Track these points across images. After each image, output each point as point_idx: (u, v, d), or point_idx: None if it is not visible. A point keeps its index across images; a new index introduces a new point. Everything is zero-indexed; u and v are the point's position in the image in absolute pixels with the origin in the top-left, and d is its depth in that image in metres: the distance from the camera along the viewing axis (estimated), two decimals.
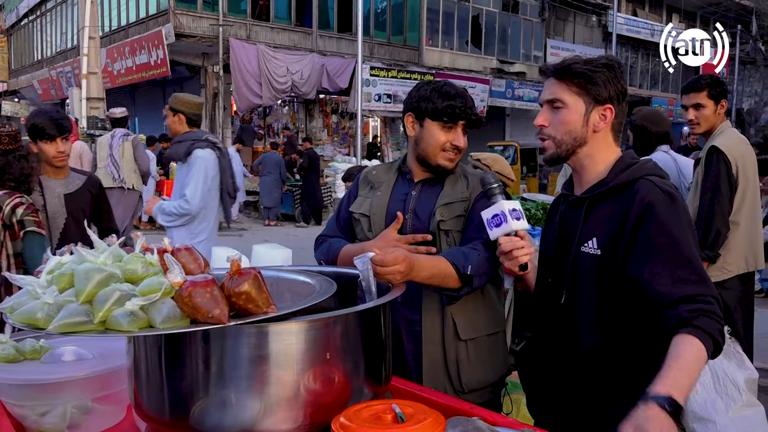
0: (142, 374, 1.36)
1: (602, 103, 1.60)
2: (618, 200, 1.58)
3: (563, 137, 1.62)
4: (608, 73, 1.59)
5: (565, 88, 1.61)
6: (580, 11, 24.68)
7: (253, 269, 1.22)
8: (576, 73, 1.59)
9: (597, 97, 1.59)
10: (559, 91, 1.62)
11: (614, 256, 1.54)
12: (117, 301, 1.11)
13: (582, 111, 1.60)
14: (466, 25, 20.88)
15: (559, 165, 1.75)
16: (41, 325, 1.12)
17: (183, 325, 1.13)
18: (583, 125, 1.60)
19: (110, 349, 1.78)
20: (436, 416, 1.20)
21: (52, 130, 2.99)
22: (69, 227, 3.11)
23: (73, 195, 3.16)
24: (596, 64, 1.61)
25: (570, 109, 1.60)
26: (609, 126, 1.62)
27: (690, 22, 30.25)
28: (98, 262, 1.17)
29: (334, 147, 19.27)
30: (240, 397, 1.24)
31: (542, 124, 1.65)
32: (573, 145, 1.62)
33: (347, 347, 1.33)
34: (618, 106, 1.61)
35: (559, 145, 1.63)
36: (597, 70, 1.59)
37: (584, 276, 1.59)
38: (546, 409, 1.77)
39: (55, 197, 3.10)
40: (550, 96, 1.63)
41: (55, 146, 3.03)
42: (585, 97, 1.60)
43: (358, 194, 2.06)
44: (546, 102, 1.65)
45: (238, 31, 16.27)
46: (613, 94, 1.60)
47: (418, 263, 1.62)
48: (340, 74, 17.47)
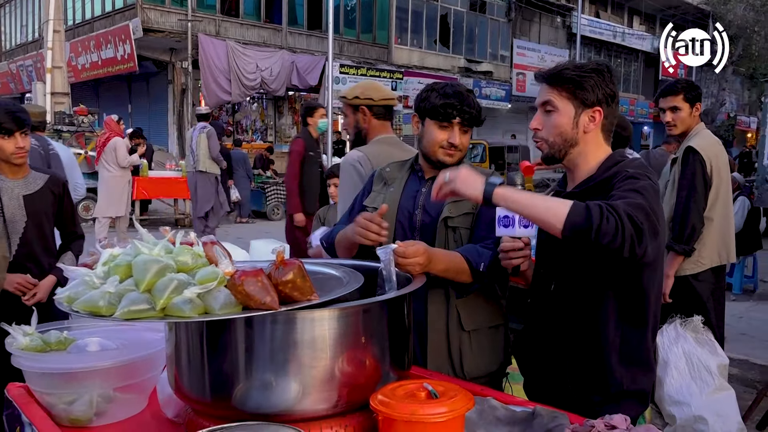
0: (183, 359, 1.44)
1: (591, 106, 1.69)
2: (603, 193, 1.67)
3: (555, 139, 1.73)
4: (597, 78, 1.68)
5: (556, 93, 1.71)
6: (546, 12, 25.15)
7: (297, 260, 1.32)
8: (566, 78, 1.69)
9: (585, 101, 1.68)
10: (551, 96, 1.72)
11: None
12: (175, 290, 1.19)
13: (572, 114, 1.70)
14: (434, 24, 21.09)
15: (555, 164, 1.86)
16: (104, 312, 1.19)
17: (237, 311, 1.22)
18: (573, 127, 1.71)
19: (132, 341, 1.85)
20: (464, 393, 1.31)
21: (10, 123, 2.66)
22: (29, 232, 2.80)
23: (34, 196, 2.82)
24: (585, 69, 1.70)
25: (560, 112, 1.71)
26: (599, 127, 1.72)
27: (650, 25, 31.09)
28: (154, 254, 1.24)
29: None
30: (282, 380, 1.33)
31: (536, 127, 1.77)
32: (564, 146, 1.73)
33: (379, 333, 1.43)
34: (607, 108, 1.71)
35: (552, 146, 1.74)
36: (586, 75, 1.68)
37: (573, 263, 1.71)
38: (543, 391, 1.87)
39: (13, 199, 2.77)
40: (542, 100, 1.75)
41: (14, 142, 2.68)
42: (574, 101, 1.69)
43: (372, 189, 2.18)
44: (539, 106, 1.77)
45: (207, 26, 16.14)
46: (602, 97, 1.69)
47: (435, 256, 1.73)
48: (310, 71, 17.49)
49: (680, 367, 3.05)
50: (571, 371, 1.75)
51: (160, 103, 17.16)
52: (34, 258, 2.84)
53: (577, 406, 1.61)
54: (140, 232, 1.35)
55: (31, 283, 2.74)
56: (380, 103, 2.64)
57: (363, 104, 2.63)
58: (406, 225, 2.06)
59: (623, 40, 28.21)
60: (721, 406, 2.92)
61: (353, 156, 2.52)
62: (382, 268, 1.61)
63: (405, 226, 2.06)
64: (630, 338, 1.69)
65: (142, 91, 18.31)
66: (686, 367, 3.05)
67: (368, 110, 2.63)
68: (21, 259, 2.79)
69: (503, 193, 1.56)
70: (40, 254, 2.87)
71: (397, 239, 2.02)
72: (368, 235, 1.81)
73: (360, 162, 2.55)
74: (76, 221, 3.07)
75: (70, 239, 3.02)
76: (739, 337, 5.05)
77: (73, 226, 3.02)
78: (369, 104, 2.63)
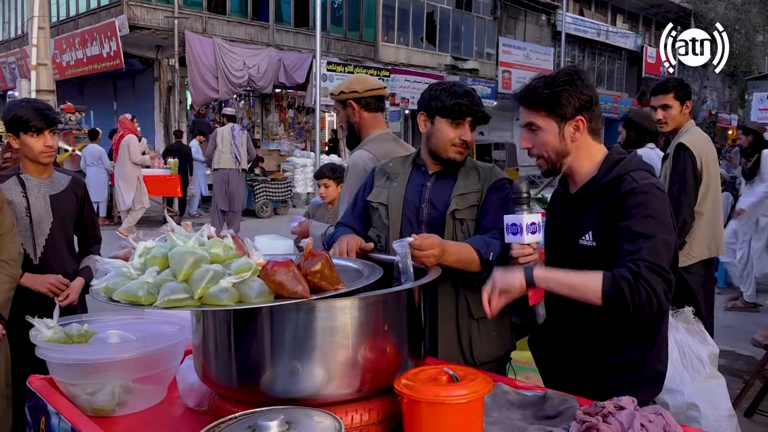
0: (211, 348, 1.50)
1: (572, 117, 1.74)
2: (607, 196, 1.76)
3: (549, 154, 1.80)
4: (570, 89, 1.72)
5: (535, 113, 1.77)
6: (531, 10, 25.32)
7: (324, 252, 1.38)
8: (540, 99, 1.75)
9: (565, 115, 1.73)
10: (531, 117, 1.78)
11: (607, 246, 1.73)
12: (211, 279, 1.26)
13: (555, 130, 1.75)
14: (420, 22, 21.16)
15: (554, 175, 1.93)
16: (143, 302, 1.25)
17: (271, 300, 1.28)
18: (560, 141, 1.77)
19: (150, 333, 1.91)
20: (483, 376, 1.38)
21: (39, 122, 2.63)
22: (55, 233, 2.73)
23: (60, 196, 2.76)
24: (557, 83, 1.73)
25: (545, 130, 1.77)
26: (585, 132, 1.77)
27: (633, 23, 31.41)
28: (189, 246, 1.30)
29: (291, 142, 19.25)
30: (309, 365, 1.40)
31: (527, 147, 1.85)
32: (558, 159, 1.80)
33: (399, 321, 1.51)
34: (588, 112, 1.75)
35: (548, 161, 1.81)
36: (558, 89, 1.72)
37: (583, 266, 1.76)
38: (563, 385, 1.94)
39: (40, 198, 2.71)
40: (525, 121, 1.81)
41: (43, 140, 2.64)
42: (555, 117, 1.74)
43: (374, 185, 2.23)
44: (524, 126, 1.83)
45: (193, 23, 16.08)
46: (579, 105, 1.73)
47: (448, 248, 1.81)
48: (297, 69, 17.48)
49: (673, 356, 3.15)
50: (592, 362, 1.82)
51: (146, 101, 17.05)
52: (61, 261, 2.77)
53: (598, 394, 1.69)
54: (172, 225, 1.40)
55: (63, 283, 2.67)
56: (366, 95, 2.63)
57: (350, 98, 2.63)
58: (412, 219, 2.13)
59: (607, 38, 28.48)
60: (712, 394, 3.02)
61: (363, 157, 2.55)
62: (398, 261, 1.69)
63: (411, 220, 2.13)
64: (649, 327, 1.77)
65: (128, 89, 18.18)
66: (678, 357, 3.14)
67: (356, 103, 2.63)
68: (48, 261, 2.72)
69: (542, 275, 1.67)
70: (66, 258, 2.80)
71: (403, 233, 2.10)
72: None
73: (371, 163, 2.54)
74: (96, 224, 3.01)
75: (90, 243, 2.95)
76: (723, 329, 5.19)
77: (93, 230, 2.96)
78: (355, 97, 2.63)
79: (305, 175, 15.55)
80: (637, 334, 1.78)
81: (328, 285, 1.35)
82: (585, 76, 1.77)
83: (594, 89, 1.79)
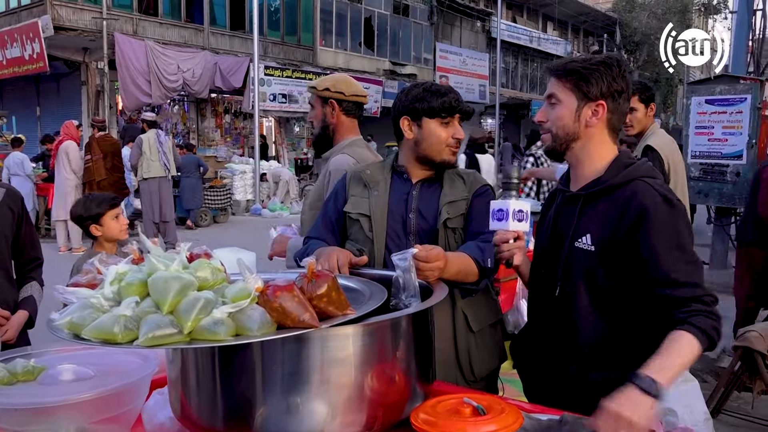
0: (191, 382, 1.30)
1: (594, 99, 1.64)
2: (613, 200, 1.64)
3: (557, 131, 1.69)
4: (603, 71, 1.64)
5: (561, 85, 1.68)
6: (466, 17, 25.68)
7: (329, 272, 1.21)
8: (570, 70, 1.66)
9: (588, 94, 1.64)
10: (555, 88, 1.69)
11: (609, 255, 1.61)
12: (202, 309, 1.06)
13: (573, 107, 1.66)
14: (359, 27, 21.06)
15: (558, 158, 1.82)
16: (120, 339, 1.04)
17: (273, 331, 1.09)
18: (574, 120, 1.66)
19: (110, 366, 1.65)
20: (511, 407, 1.24)
21: None
22: None
23: None
24: (593, 61, 1.66)
25: (563, 104, 1.67)
26: (604, 123, 1.67)
27: (563, 30, 32.41)
28: (172, 270, 1.10)
29: (228, 148, 18.72)
30: (310, 401, 1.22)
31: (540, 119, 1.74)
32: (566, 140, 1.69)
33: (410, 346, 1.34)
34: (613, 103, 1.66)
35: (555, 138, 1.71)
36: (591, 67, 1.64)
37: (577, 270, 1.66)
38: (545, 395, 1.84)
39: None
40: (548, 93, 1.72)
41: None
42: (577, 93, 1.65)
43: (350, 194, 2.04)
44: (545, 98, 1.74)
45: (123, 25, 15.37)
46: (606, 91, 1.64)
47: (450, 259, 1.65)
48: (234, 73, 17.02)
49: None
50: (585, 375, 1.70)
51: (73, 106, 16.16)
52: None
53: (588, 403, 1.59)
54: (146, 245, 1.19)
55: (3, 316, 2.30)
56: (351, 99, 2.52)
57: (333, 97, 2.49)
58: (399, 230, 1.97)
59: (539, 44, 29.23)
60: (687, 398, 3.00)
61: (348, 161, 2.37)
62: (398, 276, 1.51)
63: (398, 232, 1.97)
64: (649, 335, 1.67)
65: (52, 93, 17.21)
66: None
67: (338, 105, 2.50)
68: None
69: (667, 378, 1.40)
70: (2, 285, 2.40)
71: (390, 245, 1.94)
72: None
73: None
74: (37, 244, 2.58)
75: (29, 266, 2.54)
76: None
77: (33, 251, 2.54)
78: (339, 98, 2.49)
79: (245, 182, 15.13)
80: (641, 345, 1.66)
81: (335, 310, 1.17)
82: (625, 67, 1.68)
83: (630, 84, 1.69)
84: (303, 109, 19.18)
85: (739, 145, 6.59)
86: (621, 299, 1.63)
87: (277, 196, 15.55)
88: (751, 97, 6.47)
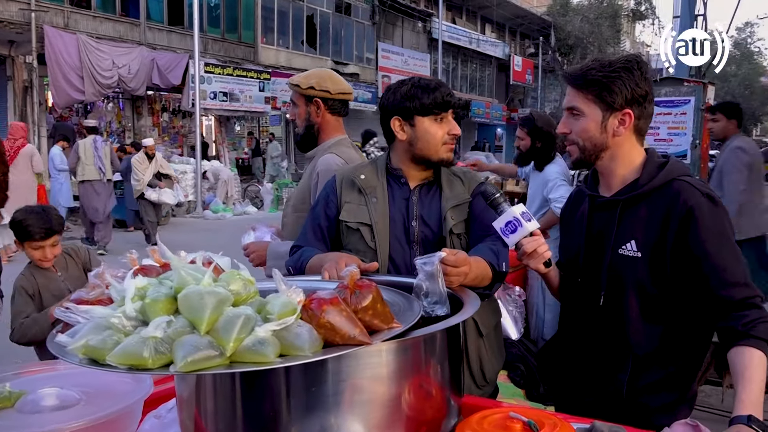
0: (208, 403, 1.17)
1: (620, 109, 1.58)
2: (654, 202, 1.58)
3: (585, 144, 1.62)
4: (626, 77, 1.56)
5: (582, 96, 1.60)
6: (408, 17, 25.77)
7: (372, 282, 1.10)
8: (590, 81, 1.58)
9: (613, 104, 1.57)
10: (576, 100, 1.61)
11: (658, 259, 1.56)
12: (243, 328, 0.94)
13: (599, 119, 1.59)
14: (300, 25, 20.78)
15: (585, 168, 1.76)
16: (151, 365, 0.90)
17: (321, 350, 0.98)
18: (601, 132, 1.60)
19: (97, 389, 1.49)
20: (562, 422, 1.18)
21: None
22: None
23: None
24: (614, 68, 1.57)
25: (587, 117, 1.60)
26: (631, 129, 1.61)
27: (500, 32, 33.03)
28: (204, 284, 0.97)
29: (166, 147, 18.08)
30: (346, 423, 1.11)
31: (564, 131, 1.66)
32: (595, 151, 1.62)
33: (445, 359, 1.25)
34: (639, 108, 1.59)
35: (583, 150, 1.64)
36: (613, 75, 1.56)
37: (624, 279, 1.60)
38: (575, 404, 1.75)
39: None
40: (568, 104, 1.64)
41: None
42: (601, 104, 1.58)
43: (344, 201, 1.92)
44: (565, 110, 1.66)
45: (53, 18, 14.59)
46: (631, 98, 1.57)
47: (472, 265, 1.57)
48: (172, 70, 16.45)
49: None
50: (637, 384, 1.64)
51: None
52: None
53: (630, 415, 1.54)
54: (165, 254, 1.05)
55: None
56: (337, 97, 2.40)
57: (318, 96, 2.37)
58: (402, 239, 1.87)
59: (478, 46, 29.67)
60: None
61: (336, 162, 2.24)
62: (421, 281, 1.41)
63: (401, 240, 1.87)
64: (694, 348, 1.64)
65: None
66: None
67: (323, 103, 2.38)
68: None
69: (760, 409, 1.37)
70: None
71: (393, 255, 1.84)
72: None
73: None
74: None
75: None
76: None
77: None
78: (324, 97, 2.38)
79: (185, 183, 14.63)
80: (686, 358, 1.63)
81: (381, 324, 1.07)
82: (646, 68, 1.59)
83: (651, 84, 1.61)
84: (244, 107, 18.77)
85: (683, 145, 6.82)
86: (670, 306, 1.59)
87: (218, 197, 15.13)
88: (695, 98, 6.70)
